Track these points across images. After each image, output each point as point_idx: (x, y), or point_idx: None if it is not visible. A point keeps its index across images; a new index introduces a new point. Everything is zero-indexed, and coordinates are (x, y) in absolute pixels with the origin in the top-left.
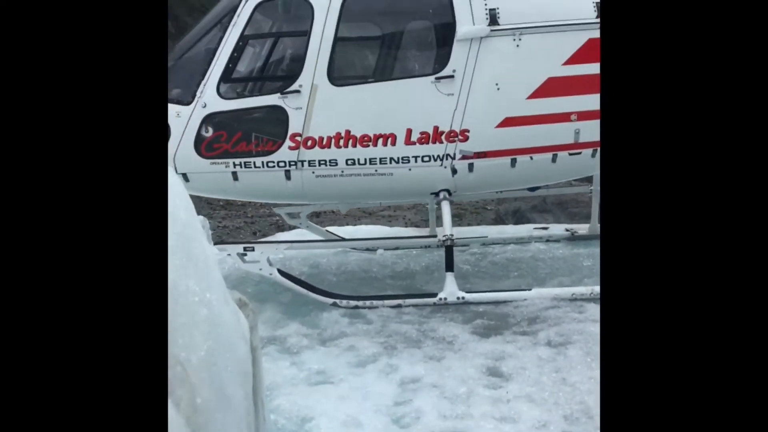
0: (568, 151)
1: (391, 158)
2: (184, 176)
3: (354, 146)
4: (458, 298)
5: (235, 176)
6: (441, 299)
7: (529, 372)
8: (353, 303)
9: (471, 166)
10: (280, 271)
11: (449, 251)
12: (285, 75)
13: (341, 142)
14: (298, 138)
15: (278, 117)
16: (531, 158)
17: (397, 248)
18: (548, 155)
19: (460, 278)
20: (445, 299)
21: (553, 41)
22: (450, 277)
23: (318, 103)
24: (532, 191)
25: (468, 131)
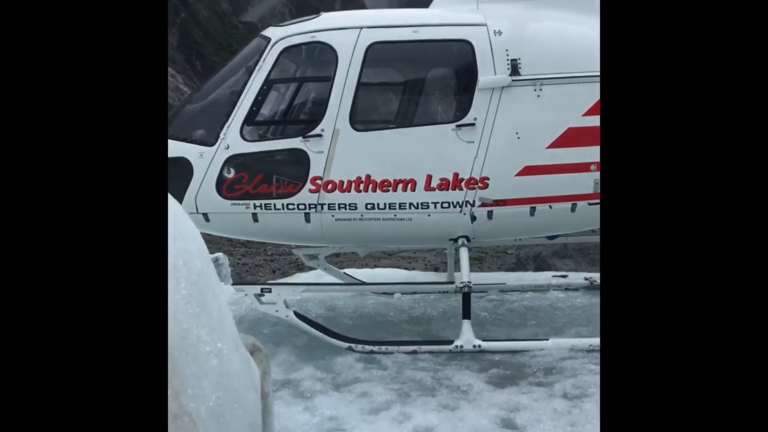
0: (588, 201)
1: (411, 203)
2: (205, 216)
3: (374, 191)
4: (474, 346)
5: (255, 218)
6: (457, 347)
7: (544, 425)
8: (368, 348)
9: (490, 214)
10: (297, 314)
11: (467, 298)
12: (307, 119)
13: (361, 186)
14: (319, 181)
15: (299, 160)
16: (550, 207)
17: (415, 293)
18: (567, 204)
19: (477, 325)
20: (461, 347)
21: (574, 92)
22: (467, 325)
23: (339, 148)
24: (551, 240)
25: (488, 179)
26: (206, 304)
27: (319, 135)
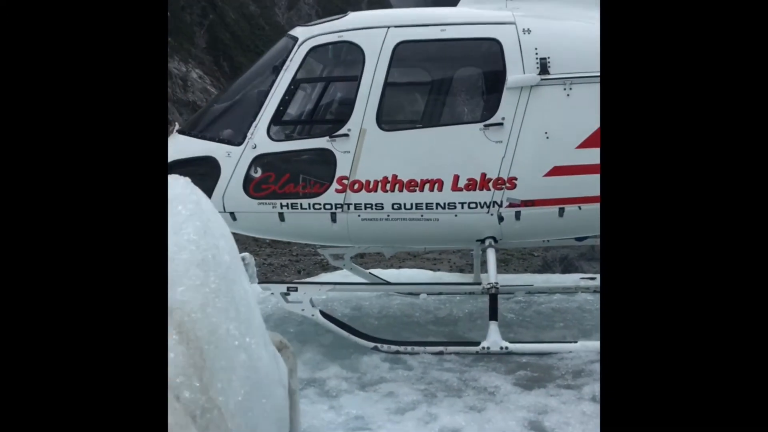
0: None
1: (438, 204)
2: (232, 215)
3: (400, 191)
4: (501, 348)
5: (282, 217)
6: (484, 348)
7: (573, 428)
8: (394, 348)
9: (518, 214)
10: (323, 313)
11: (494, 299)
12: (334, 118)
13: (388, 187)
14: (345, 181)
15: (326, 160)
16: (579, 208)
17: (441, 293)
18: (597, 206)
19: (504, 327)
20: (488, 348)
21: None
22: (494, 326)
23: (366, 147)
24: (580, 241)
25: (516, 179)
26: (235, 299)
27: (346, 135)
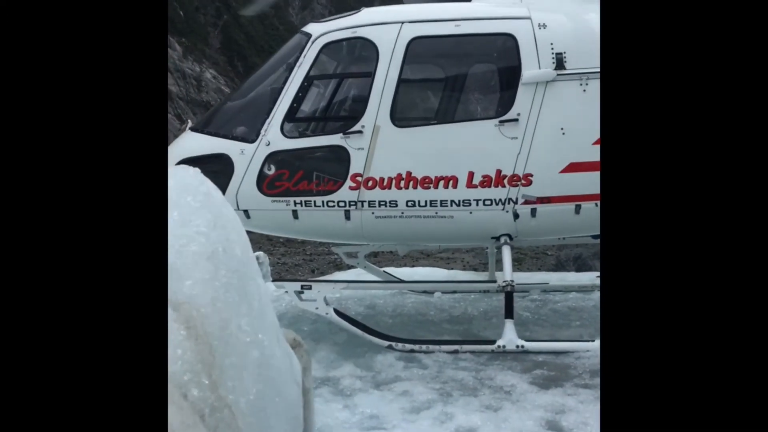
0: None
1: (452, 201)
2: (246, 213)
3: (415, 188)
4: (517, 347)
5: (296, 215)
6: (499, 347)
7: (591, 428)
8: (409, 346)
9: (534, 212)
10: (336, 311)
11: (509, 297)
12: (348, 115)
13: (402, 184)
14: (359, 178)
15: (340, 157)
16: (596, 205)
17: (455, 292)
18: None
19: (520, 325)
20: (504, 347)
21: None
22: (509, 324)
23: (380, 144)
24: (597, 239)
25: (531, 175)
26: (247, 294)
27: (360, 131)
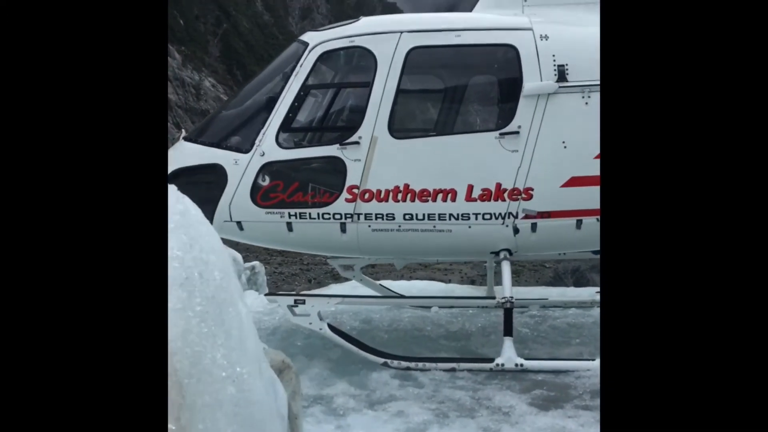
0: None
1: (451, 214)
2: (239, 224)
3: (412, 201)
4: (516, 365)
5: (290, 227)
6: (498, 365)
7: None
8: (405, 364)
9: (534, 226)
10: (331, 327)
11: (508, 314)
12: (345, 126)
13: (399, 196)
14: (356, 190)
15: (336, 168)
16: (597, 220)
17: (453, 307)
18: None
19: (518, 342)
20: (503, 365)
21: None
22: (508, 342)
23: (377, 156)
24: (598, 254)
25: (532, 189)
26: (225, 322)
27: (357, 142)
